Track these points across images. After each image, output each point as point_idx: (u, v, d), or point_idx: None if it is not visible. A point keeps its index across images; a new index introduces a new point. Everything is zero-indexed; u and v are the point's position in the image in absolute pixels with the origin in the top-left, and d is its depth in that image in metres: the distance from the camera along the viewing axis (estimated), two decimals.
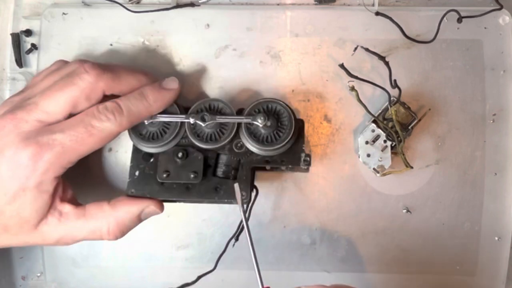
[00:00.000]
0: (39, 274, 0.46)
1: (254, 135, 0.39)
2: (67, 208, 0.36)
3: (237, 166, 0.39)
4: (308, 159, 0.39)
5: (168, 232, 0.45)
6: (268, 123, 0.38)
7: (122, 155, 0.44)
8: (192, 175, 0.38)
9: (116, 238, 0.38)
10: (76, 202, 0.38)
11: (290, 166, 0.40)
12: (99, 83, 0.36)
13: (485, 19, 0.42)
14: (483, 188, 0.44)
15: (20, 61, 0.44)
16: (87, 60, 0.37)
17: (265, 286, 0.34)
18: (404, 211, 0.44)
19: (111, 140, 0.37)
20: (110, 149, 0.44)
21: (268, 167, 0.41)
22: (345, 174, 0.44)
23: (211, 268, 0.42)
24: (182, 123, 0.39)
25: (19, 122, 0.34)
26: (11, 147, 0.34)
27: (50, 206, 0.36)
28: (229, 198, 0.39)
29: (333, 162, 0.44)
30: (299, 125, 0.40)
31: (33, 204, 0.35)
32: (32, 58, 0.45)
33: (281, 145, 0.38)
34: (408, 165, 0.41)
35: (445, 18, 0.42)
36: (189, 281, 0.42)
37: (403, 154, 0.42)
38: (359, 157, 0.42)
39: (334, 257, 0.44)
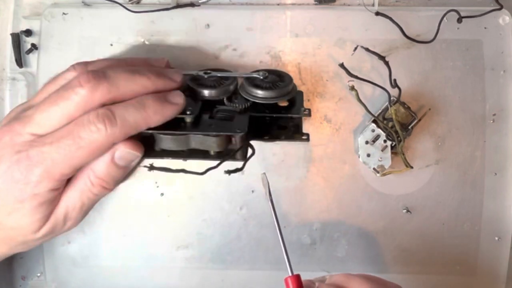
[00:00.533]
0: (39, 274, 0.46)
1: (255, 85, 0.39)
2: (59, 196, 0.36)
3: (235, 114, 0.39)
4: (308, 111, 0.39)
5: (168, 232, 0.45)
6: (268, 77, 0.39)
7: None
8: (188, 112, 0.36)
9: (104, 188, 0.36)
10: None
11: (290, 116, 0.40)
12: (95, 96, 0.33)
13: (485, 19, 0.42)
14: (483, 188, 0.44)
15: (20, 61, 0.44)
16: (85, 67, 0.36)
17: (295, 273, 0.32)
18: (404, 211, 0.44)
19: (107, 151, 0.35)
20: None
21: (266, 137, 0.40)
22: (345, 174, 0.44)
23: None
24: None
25: (14, 135, 0.34)
26: (5, 161, 0.34)
27: (51, 213, 0.36)
28: (225, 131, 0.37)
29: (333, 162, 0.44)
30: (299, 95, 0.41)
31: (33, 215, 0.35)
32: (32, 58, 0.45)
33: (282, 90, 0.38)
34: (408, 165, 0.42)
35: (445, 18, 0.42)
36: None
37: (403, 154, 0.42)
38: (359, 157, 0.42)
39: (334, 257, 0.44)
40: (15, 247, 0.37)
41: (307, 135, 0.40)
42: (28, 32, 0.44)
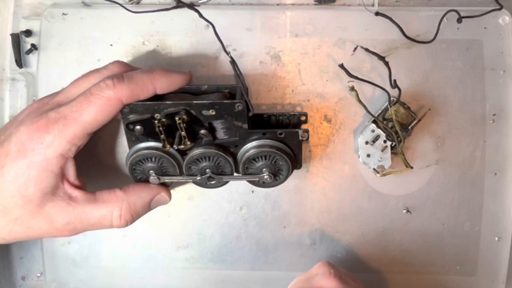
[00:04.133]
0: (39, 274, 0.46)
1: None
2: (77, 193, 0.36)
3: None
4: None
5: (168, 232, 0.45)
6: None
7: None
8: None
9: (126, 224, 0.38)
10: (87, 190, 0.38)
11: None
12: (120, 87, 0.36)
13: (485, 19, 0.42)
14: (483, 188, 0.44)
15: (20, 61, 0.44)
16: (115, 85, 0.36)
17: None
18: (404, 211, 0.44)
19: (116, 111, 0.36)
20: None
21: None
22: (345, 174, 0.44)
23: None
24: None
25: (43, 104, 0.37)
26: (27, 122, 0.35)
27: (57, 188, 0.36)
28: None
29: (333, 162, 0.44)
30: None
31: (37, 183, 0.35)
32: (32, 58, 0.45)
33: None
34: (408, 165, 0.41)
35: (445, 18, 0.42)
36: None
37: (403, 154, 0.42)
38: (359, 157, 0.42)
39: (334, 257, 0.44)
40: (3, 229, 0.36)
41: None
42: (28, 33, 0.44)
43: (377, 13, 0.42)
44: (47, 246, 0.45)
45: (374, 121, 0.42)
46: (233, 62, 0.40)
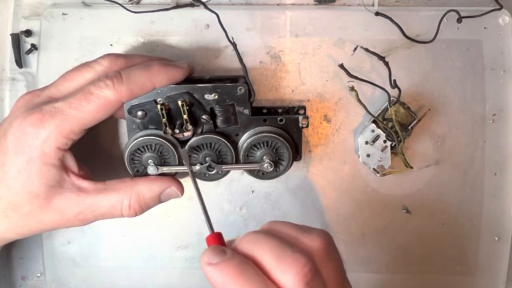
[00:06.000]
0: (39, 274, 0.46)
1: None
2: (85, 183, 0.36)
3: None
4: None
5: (168, 232, 0.45)
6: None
7: None
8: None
9: (135, 214, 0.38)
10: (95, 180, 0.38)
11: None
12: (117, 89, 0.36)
13: (485, 19, 0.42)
14: (483, 188, 0.44)
15: (20, 62, 0.44)
16: (111, 80, 0.36)
17: (216, 231, 0.33)
18: (404, 211, 0.44)
19: (114, 110, 0.36)
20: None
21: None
22: (345, 174, 0.44)
23: None
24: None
25: (33, 97, 0.37)
26: (19, 116, 0.35)
27: (64, 181, 0.36)
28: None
29: (333, 162, 0.44)
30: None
31: (41, 177, 0.35)
32: (32, 58, 0.45)
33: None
34: (408, 165, 0.42)
35: (445, 18, 0.42)
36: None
37: (403, 154, 0.42)
38: (359, 157, 0.42)
39: None
40: (16, 225, 0.36)
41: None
42: (28, 33, 0.44)
43: (377, 13, 0.42)
44: (47, 246, 0.45)
45: (374, 121, 0.42)
46: (235, 46, 0.39)
